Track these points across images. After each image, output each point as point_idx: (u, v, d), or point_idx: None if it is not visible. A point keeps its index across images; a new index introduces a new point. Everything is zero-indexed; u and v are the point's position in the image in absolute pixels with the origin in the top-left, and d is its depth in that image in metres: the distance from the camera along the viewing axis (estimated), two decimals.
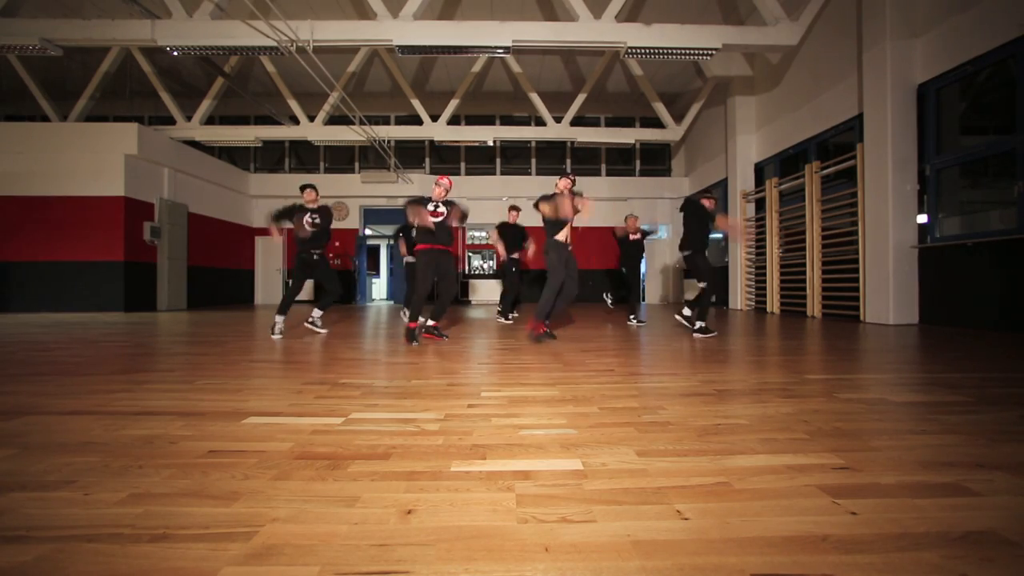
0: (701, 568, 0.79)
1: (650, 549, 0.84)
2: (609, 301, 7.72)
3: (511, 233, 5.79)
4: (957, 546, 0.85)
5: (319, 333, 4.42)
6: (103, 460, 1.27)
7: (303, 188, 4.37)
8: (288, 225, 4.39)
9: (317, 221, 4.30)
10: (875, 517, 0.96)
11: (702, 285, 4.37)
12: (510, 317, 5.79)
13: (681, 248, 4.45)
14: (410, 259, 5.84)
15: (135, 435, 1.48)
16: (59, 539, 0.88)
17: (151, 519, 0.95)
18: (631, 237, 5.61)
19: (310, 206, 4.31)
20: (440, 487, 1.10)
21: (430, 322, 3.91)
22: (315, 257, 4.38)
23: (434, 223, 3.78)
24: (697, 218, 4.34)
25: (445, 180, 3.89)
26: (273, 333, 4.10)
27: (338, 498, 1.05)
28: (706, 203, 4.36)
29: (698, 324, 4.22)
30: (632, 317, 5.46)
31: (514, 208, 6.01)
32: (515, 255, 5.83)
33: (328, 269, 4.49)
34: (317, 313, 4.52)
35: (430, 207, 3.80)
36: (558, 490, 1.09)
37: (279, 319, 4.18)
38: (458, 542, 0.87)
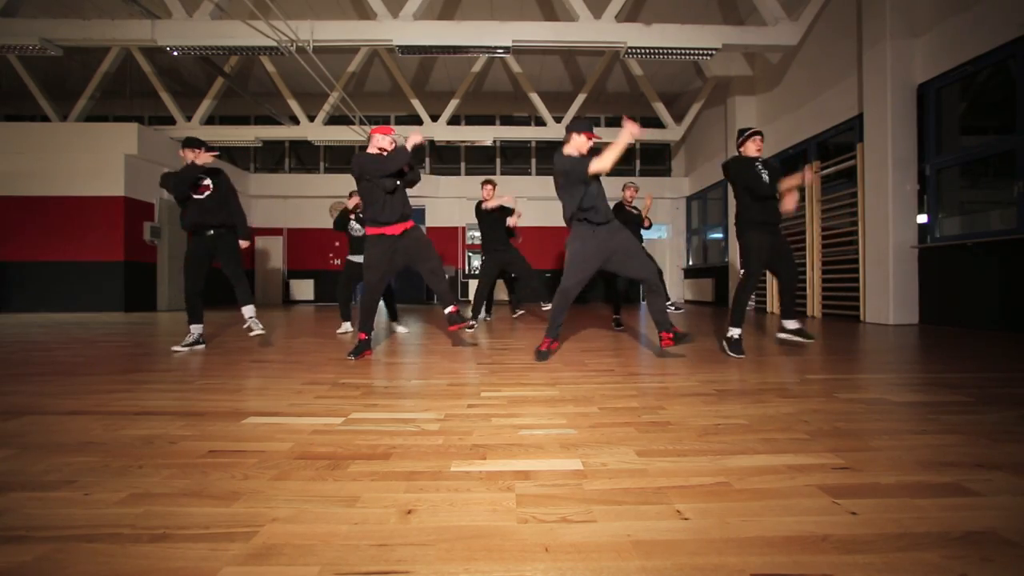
0: (701, 568, 0.79)
1: (650, 549, 0.84)
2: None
3: (488, 217, 4.86)
4: (957, 546, 0.85)
5: (260, 334, 3.52)
6: (103, 460, 1.27)
7: (185, 146, 3.30)
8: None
9: (208, 183, 3.36)
10: (875, 517, 0.96)
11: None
12: (478, 318, 4.74)
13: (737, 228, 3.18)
14: (355, 258, 4.40)
15: (135, 435, 1.48)
16: (59, 539, 0.88)
17: (151, 519, 0.95)
18: (626, 207, 4.60)
19: (200, 162, 3.31)
20: (440, 487, 1.10)
21: (447, 309, 3.12)
22: (211, 233, 3.38)
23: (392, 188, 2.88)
24: (746, 179, 3.05)
25: (384, 134, 2.94)
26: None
27: (338, 498, 1.05)
28: (752, 148, 3.07)
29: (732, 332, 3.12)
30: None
31: (488, 183, 4.88)
32: (498, 244, 4.85)
33: (232, 253, 3.53)
34: (249, 312, 3.55)
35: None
36: (558, 490, 1.09)
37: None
38: (458, 542, 0.87)
